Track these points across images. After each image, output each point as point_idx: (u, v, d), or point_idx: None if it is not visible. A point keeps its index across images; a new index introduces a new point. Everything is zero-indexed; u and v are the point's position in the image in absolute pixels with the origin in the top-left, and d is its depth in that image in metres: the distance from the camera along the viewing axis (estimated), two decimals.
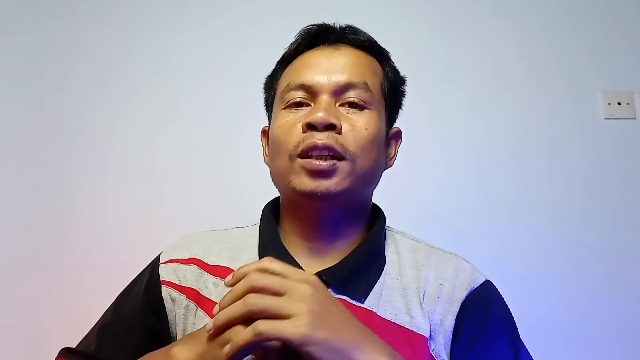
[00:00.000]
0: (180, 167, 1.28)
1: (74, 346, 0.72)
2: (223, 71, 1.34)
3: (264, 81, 0.80)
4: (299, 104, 0.69)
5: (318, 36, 0.73)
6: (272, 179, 0.72)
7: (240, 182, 1.27)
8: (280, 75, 0.75)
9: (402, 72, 0.78)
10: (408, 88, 0.79)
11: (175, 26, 1.35)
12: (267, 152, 0.76)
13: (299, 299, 0.52)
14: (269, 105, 0.77)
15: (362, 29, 0.75)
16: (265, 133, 0.78)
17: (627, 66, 1.43)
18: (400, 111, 0.78)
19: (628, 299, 1.29)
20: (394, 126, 0.77)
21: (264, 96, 0.80)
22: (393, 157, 0.77)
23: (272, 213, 0.75)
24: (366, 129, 0.68)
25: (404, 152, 0.78)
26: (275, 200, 0.78)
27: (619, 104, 1.41)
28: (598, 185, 1.36)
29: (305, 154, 0.66)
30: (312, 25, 0.75)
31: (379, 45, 0.76)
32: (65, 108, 1.29)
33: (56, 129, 1.28)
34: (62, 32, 1.32)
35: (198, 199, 1.26)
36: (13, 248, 1.20)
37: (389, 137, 0.75)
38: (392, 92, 0.74)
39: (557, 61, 1.41)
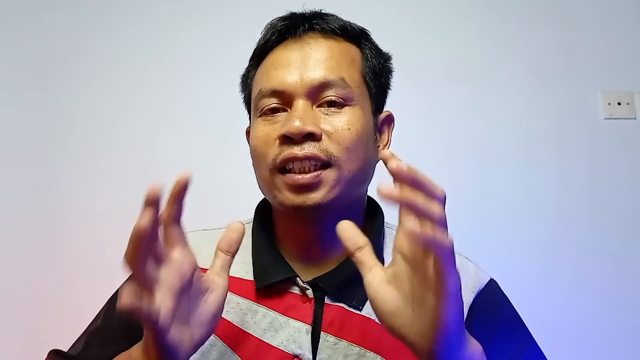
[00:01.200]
0: (178, 166, 1.26)
1: (67, 348, 0.72)
2: (221, 70, 1.33)
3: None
4: (274, 110, 0.65)
5: (285, 30, 0.68)
6: (258, 185, 0.69)
7: (235, 182, 1.26)
8: (253, 74, 0.71)
9: (403, 72, 0.75)
10: (408, 88, 0.77)
11: (173, 25, 1.34)
12: (251, 158, 0.73)
13: None
14: (248, 105, 0.73)
15: (331, 13, 0.69)
16: (249, 134, 0.74)
17: (627, 66, 1.43)
18: (389, 92, 0.73)
19: (629, 299, 1.29)
20: (384, 110, 0.72)
21: (241, 96, 0.76)
22: (386, 144, 0.71)
23: (267, 212, 0.73)
24: (349, 128, 0.63)
25: (403, 152, 0.76)
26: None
27: (619, 104, 1.41)
28: (598, 186, 1.35)
29: (284, 166, 0.62)
30: (278, 18, 0.70)
31: (353, 27, 0.69)
32: (63, 107, 1.28)
33: (54, 129, 1.27)
34: (60, 32, 1.31)
35: (196, 197, 1.24)
36: (9, 247, 1.19)
37: (380, 125, 0.70)
38: (375, 76, 0.69)
39: (557, 61, 1.41)
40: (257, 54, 0.71)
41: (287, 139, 0.62)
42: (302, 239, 0.68)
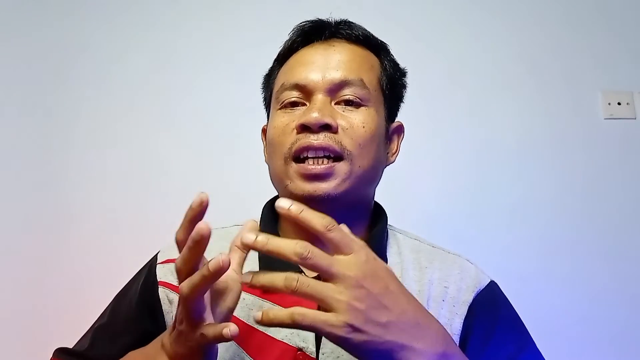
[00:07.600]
0: (180, 167, 1.28)
1: (72, 346, 0.73)
2: (223, 71, 1.34)
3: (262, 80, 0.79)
4: (294, 104, 0.68)
5: (312, 33, 0.72)
6: (271, 179, 0.72)
7: (241, 182, 1.26)
8: (277, 73, 0.74)
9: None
10: (407, 90, 0.78)
11: (175, 26, 1.35)
12: (266, 152, 0.75)
13: (345, 288, 0.46)
14: (268, 104, 0.77)
15: (357, 23, 0.74)
16: (264, 132, 0.77)
17: (627, 66, 1.43)
18: (402, 105, 0.77)
19: (630, 299, 1.29)
20: (395, 121, 0.75)
21: (262, 95, 0.79)
22: (395, 153, 0.75)
23: (273, 212, 0.74)
24: (363, 126, 0.66)
25: (404, 152, 0.78)
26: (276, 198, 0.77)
27: (619, 104, 1.41)
28: (598, 186, 1.36)
29: (299, 155, 0.65)
30: (306, 21, 0.74)
31: (375, 38, 0.74)
32: (65, 108, 1.28)
33: (56, 129, 1.27)
34: (62, 32, 1.31)
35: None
36: (13, 249, 1.20)
37: (390, 133, 0.74)
38: (391, 86, 0.73)
39: (557, 61, 1.41)
40: (282, 54, 0.74)
41: (305, 129, 0.65)
42: (308, 236, 0.68)
